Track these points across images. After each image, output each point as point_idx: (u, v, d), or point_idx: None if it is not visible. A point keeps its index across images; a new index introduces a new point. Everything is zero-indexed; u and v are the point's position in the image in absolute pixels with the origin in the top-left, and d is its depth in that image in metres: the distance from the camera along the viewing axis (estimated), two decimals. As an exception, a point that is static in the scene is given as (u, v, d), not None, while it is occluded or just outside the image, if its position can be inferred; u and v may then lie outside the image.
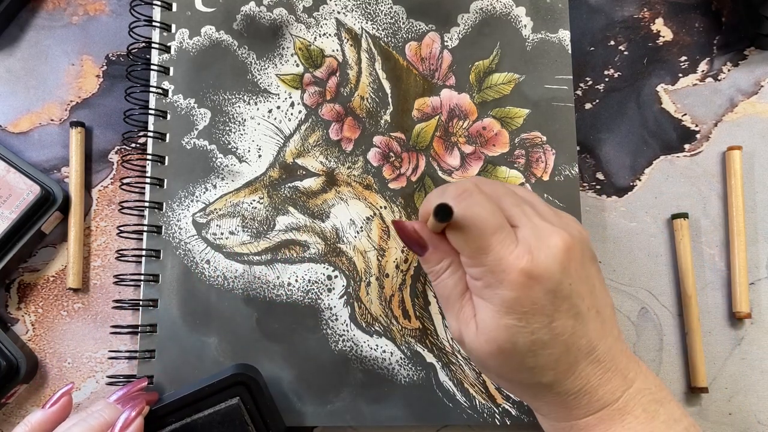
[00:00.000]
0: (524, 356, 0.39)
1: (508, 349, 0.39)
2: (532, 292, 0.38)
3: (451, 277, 0.42)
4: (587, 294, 0.40)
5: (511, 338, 0.39)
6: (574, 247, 0.39)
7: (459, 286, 0.42)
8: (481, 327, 0.40)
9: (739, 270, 0.56)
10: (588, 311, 0.40)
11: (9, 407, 0.56)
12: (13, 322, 0.57)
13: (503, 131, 0.56)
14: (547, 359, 0.39)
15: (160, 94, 0.56)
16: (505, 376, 0.42)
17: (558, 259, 0.38)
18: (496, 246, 0.38)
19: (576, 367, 0.39)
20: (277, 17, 0.57)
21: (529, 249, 0.38)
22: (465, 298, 0.42)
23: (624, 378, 0.40)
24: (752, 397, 0.56)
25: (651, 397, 0.41)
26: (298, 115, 0.56)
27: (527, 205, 0.42)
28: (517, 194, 0.43)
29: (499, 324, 0.39)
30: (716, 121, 0.59)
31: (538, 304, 0.38)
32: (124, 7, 0.60)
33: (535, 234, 0.39)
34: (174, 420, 0.50)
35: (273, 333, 0.54)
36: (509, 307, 0.38)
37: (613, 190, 0.58)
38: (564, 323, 0.39)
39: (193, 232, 0.55)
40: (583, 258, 0.40)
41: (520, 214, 0.41)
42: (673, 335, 0.57)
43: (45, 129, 0.59)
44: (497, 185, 0.43)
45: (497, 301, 0.38)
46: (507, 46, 0.57)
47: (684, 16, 0.60)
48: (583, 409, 0.40)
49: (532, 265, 0.38)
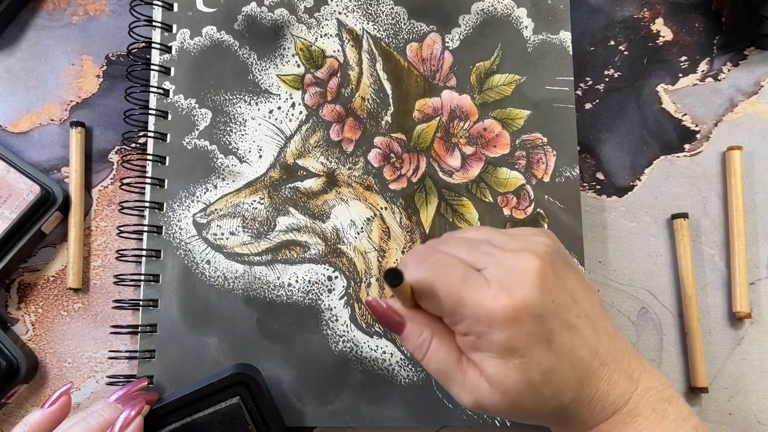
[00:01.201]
0: (540, 389, 0.38)
1: (524, 389, 0.38)
2: (523, 325, 0.37)
3: (440, 348, 0.41)
4: (571, 303, 0.39)
5: (524, 377, 0.38)
6: (544, 263, 0.38)
7: (452, 355, 0.40)
8: (492, 381, 0.38)
9: (739, 270, 0.56)
10: (578, 319, 0.39)
11: (9, 407, 0.56)
12: (13, 322, 0.57)
13: (504, 132, 0.56)
14: (559, 382, 0.38)
15: (161, 94, 0.56)
16: (530, 414, 0.40)
17: (533, 283, 0.38)
18: (469, 294, 0.38)
19: (585, 378, 0.39)
20: (279, 18, 0.57)
21: (502, 285, 0.37)
22: (462, 364, 0.40)
23: (630, 378, 0.40)
24: (752, 397, 0.56)
25: (659, 395, 0.40)
26: (298, 115, 0.56)
27: (483, 245, 0.41)
28: (470, 239, 0.42)
29: (507, 368, 0.38)
30: (716, 121, 0.59)
31: (532, 333, 0.37)
32: (124, 7, 0.60)
33: (503, 268, 0.38)
34: (174, 419, 0.50)
35: (273, 333, 0.54)
36: (509, 347, 0.37)
37: (613, 190, 0.58)
38: (561, 341, 0.38)
39: (194, 232, 0.55)
40: (555, 270, 0.39)
41: (481, 255, 0.40)
42: (673, 335, 0.57)
43: (45, 129, 0.58)
44: (449, 238, 0.43)
45: (495, 347, 0.38)
46: (508, 48, 0.57)
47: (684, 16, 0.60)
48: (597, 417, 0.40)
49: (511, 300, 0.37)
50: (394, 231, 0.55)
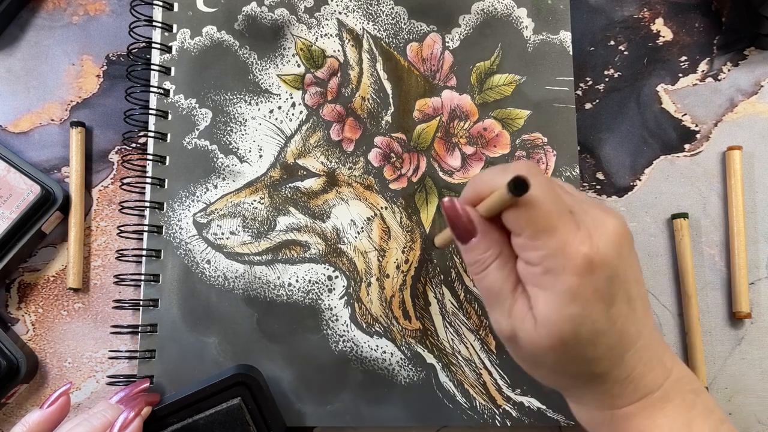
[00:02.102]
0: (585, 347, 0.38)
1: (570, 340, 0.37)
2: (595, 277, 0.37)
3: (501, 270, 0.40)
4: (634, 281, 0.39)
5: (575, 328, 0.37)
6: (625, 231, 0.39)
7: (510, 280, 0.40)
8: (541, 319, 0.38)
9: (739, 270, 0.56)
10: (636, 298, 0.39)
11: (9, 407, 0.56)
12: (13, 322, 0.57)
13: (504, 132, 0.56)
14: (603, 348, 0.38)
15: (162, 94, 0.56)
16: (561, 369, 0.40)
17: (616, 244, 0.37)
18: (561, 228, 0.37)
19: (625, 354, 0.39)
20: (279, 17, 0.57)
21: (590, 234, 0.37)
22: (517, 291, 0.40)
23: (664, 366, 0.40)
24: (752, 397, 0.56)
25: (688, 386, 0.40)
26: (299, 115, 0.56)
27: (580, 195, 0.41)
28: (565, 185, 0.42)
29: (563, 314, 0.37)
30: (716, 121, 0.59)
31: (599, 290, 0.37)
32: (124, 7, 0.60)
33: (591, 219, 0.38)
34: (175, 420, 0.50)
35: (273, 333, 0.54)
36: (574, 294, 0.37)
37: (613, 190, 0.58)
38: (619, 309, 0.38)
39: (194, 232, 0.55)
40: (630, 244, 0.39)
41: (577, 203, 0.39)
42: (673, 335, 0.57)
43: (45, 129, 0.58)
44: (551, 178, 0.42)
45: (560, 289, 0.37)
46: (508, 48, 0.57)
47: (684, 16, 0.60)
48: (627, 398, 0.40)
49: (593, 250, 0.36)
50: (394, 231, 0.55)
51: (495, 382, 0.54)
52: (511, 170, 0.38)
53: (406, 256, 0.55)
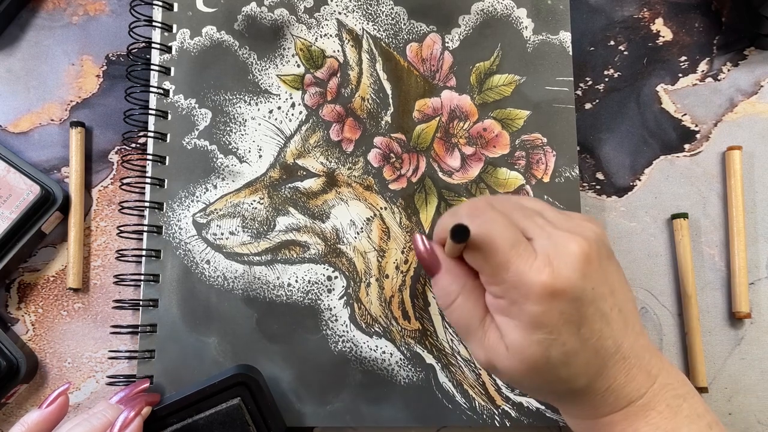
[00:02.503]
0: (558, 368, 0.39)
1: (542, 364, 0.38)
2: (559, 303, 0.37)
3: (466, 303, 0.41)
4: (608, 294, 0.39)
5: (544, 353, 0.38)
6: (591, 250, 0.39)
7: (477, 311, 0.41)
8: (512, 348, 0.39)
9: (739, 270, 0.56)
10: (611, 311, 0.39)
11: (9, 407, 0.56)
12: (13, 322, 0.57)
13: (504, 133, 0.56)
14: (578, 366, 0.39)
15: (161, 94, 0.56)
16: (539, 389, 0.41)
17: (577, 267, 0.38)
18: (515, 260, 0.38)
19: (603, 368, 0.39)
20: (278, 18, 0.57)
21: (548, 260, 0.38)
22: (486, 322, 0.41)
23: (648, 374, 0.40)
24: (752, 397, 0.56)
25: (674, 392, 0.40)
26: (298, 115, 0.56)
27: (538, 216, 0.41)
28: (525, 206, 0.42)
29: (530, 340, 0.38)
30: (716, 121, 0.59)
31: (565, 314, 0.37)
32: (124, 7, 0.60)
33: (551, 243, 0.38)
34: (175, 420, 0.50)
35: (273, 333, 0.54)
36: (538, 321, 0.37)
37: (613, 190, 0.58)
38: (591, 328, 0.38)
39: (194, 232, 0.55)
40: (600, 259, 0.39)
41: (533, 225, 0.40)
42: (673, 335, 0.57)
43: (45, 129, 0.58)
44: (506, 200, 0.43)
45: (525, 318, 0.38)
46: (508, 48, 0.57)
47: (684, 16, 0.60)
48: (609, 406, 0.40)
49: (553, 277, 0.37)
50: (393, 231, 0.55)
51: (494, 383, 0.54)
52: (459, 213, 0.41)
53: (405, 257, 0.55)
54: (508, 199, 0.44)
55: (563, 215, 0.42)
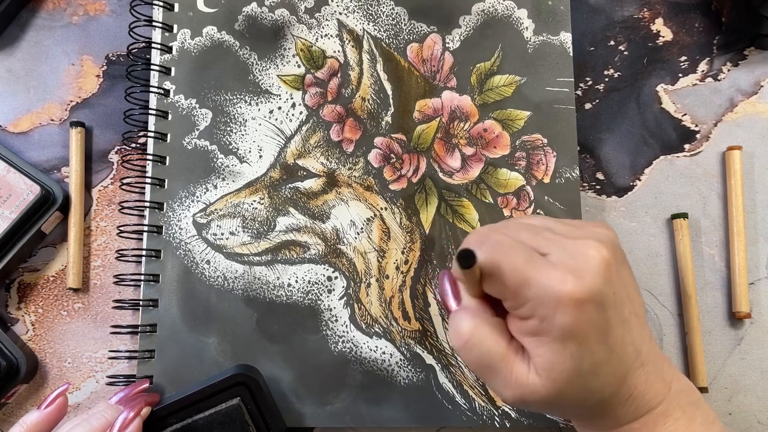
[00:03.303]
0: (588, 380, 0.38)
1: (573, 378, 0.37)
2: (587, 311, 0.36)
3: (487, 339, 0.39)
4: (627, 299, 0.39)
5: (576, 366, 0.37)
6: (609, 253, 0.38)
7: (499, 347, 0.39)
8: (544, 369, 0.38)
9: (739, 270, 0.56)
10: (630, 316, 0.39)
11: (9, 407, 0.56)
12: (13, 322, 0.57)
13: (504, 133, 0.56)
14: (606, 376, 0.38)
15: (162, 94, 0.56)
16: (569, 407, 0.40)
17: (599, 271, 0.37)
18: (534, 275, 0.37)
19: (627, 376, 0.39)
20: (279, 18, 0.57)
21: (569, 269, 0.37)
22: (509, 355, 0.39)
23: (663, 380, 0.40)
24: (752, 397, 0.56)
25: (687, 399, 0.40)
26: (299, 115, 0.56)
27: (546, 231, 0.40)
28: (532, 225, 0.41)
29: (564, 355, 0.37)
30: (716, 121, 0.59)
31: (593, 322, 0.37)
32: (124, 7, 0.60)
33: (568, 253, 0.38)
34: (175, 420, 0.50)
35: (273, 334, 0.54)
36: (570, 333, 0.36)
37: (613, 190, 0.58)
38: (615, 334, 0.38)
39: (194, 232, 0.55)
40: (617, 262, 0.39)
41: (544, 241, 0.39)
42: (673, 335, 0.57)
43: (45, 129, 0.58)
44: (509, 224, 0.42)
45: (557, 332, 0.37)
46: (508, 48, 0.57)
47: (684, 16, 0.60)
48: (630, 415, 0.40)
49: (578, 286, 0.36)
50: (394, 231, 0.55)
51: (495, 383, 0.54)
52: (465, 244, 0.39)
53: (405, 257, 0.55)
54: (514, 220, 0.43)
55: (572, 226, 0.41)
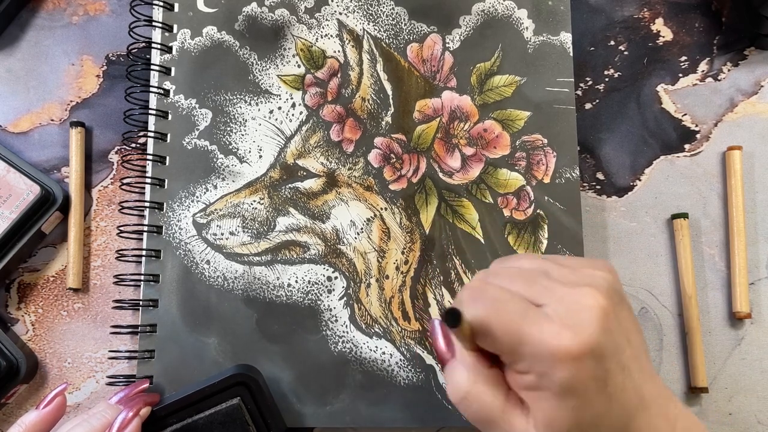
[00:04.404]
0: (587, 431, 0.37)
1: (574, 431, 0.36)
2: (585, 365, 0.35)
3: (486, 393, 0.39)
4: (626, 344, 0.38)
5: (576, 419, 0.36)
6: (606, 301, 0.37)
7: (497, 401, 0.38)
8: (543, 424, 0.37)
9: (739, 270, 0.56)
10: (630, 362, 0.38)
11: (9, 407, 0.56)
12: (13, 322, 0.57)
13: (504, 133, 0.56)
14: (607, 426, 0.37)
15: (162, 94, 0.56)
16: None
17: (596, 322, 0.36)
18: (529, 331, 0.36)
19: (630, 422, 0.38)
20: (279, 18, 0.57)
21: (565, 324, 0.36)
22: (508, 408, 0.38)
23: (667, 420, 0.39)
24: (752, 397, 0.56)
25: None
26: (299, 116, 0.56)
27: (542, 277, 0.39)
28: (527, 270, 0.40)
29: (563, 411, 0.36)
30: (716, 121, 0.59)
31: (592, 375, 0.36)
32: (124, 7, 0.60)
33: (565, 305, 0.37)
34: (175, 420, 0.50)
35: (273, 334, 0.54)
36: (569, 388, 0.35)
37: (613, 190, 0.58)
38: (615, 383, 0.37)
39: (194, 232, 0.55)
40: (615, 307, 0.38)
41: (540, 290, 0.38)
42: (673, 335, 0.57)
43: (45, 129, 0.58)
44: (503, 272, 0.41)
45: (556, 388, 0.36)
46: (508, 49, 0.57)
47: (684, 16, 0.60)
48: None
49: (574, 341, 0.35)
50: (394, 232, 0.55)
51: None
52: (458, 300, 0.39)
53: (405, 257, 0.55)
54: (505, 267, 0.42)
55: (569, 268, 0.40)
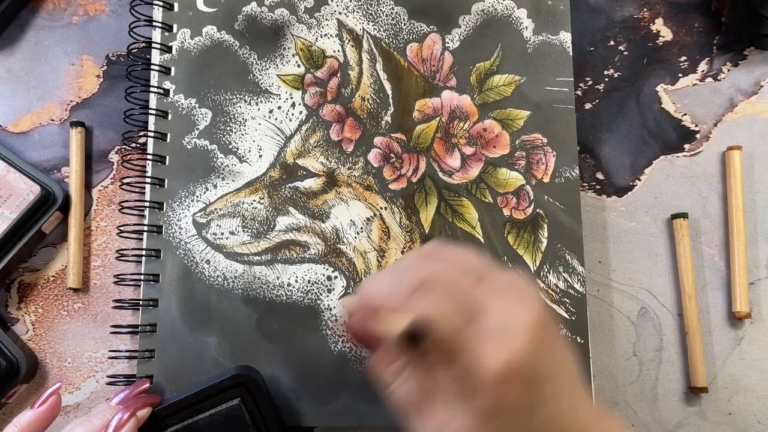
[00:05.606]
0: None
1: None
2: (515, 386, 0.34)
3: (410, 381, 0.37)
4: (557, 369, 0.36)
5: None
6: (541, 318, 0.35)
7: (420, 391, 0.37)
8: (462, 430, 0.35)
9: (738, 270, 0.56)
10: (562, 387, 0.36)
11: (9, 407, 0.56)
12: (13, 322, 0.57)
13: (504, 133, 0.56)
14: None
15: (162, 93, 0.56)
16: None
17: (531, 340, 0.34)
18: (464, 346, 0.34)
19: None
20: (279, 18, 0.57)
21: (499, 339, 0.34)
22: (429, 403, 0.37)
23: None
24: (752, 397, 0.56)
25: None
26: (298, 115, 0.56)
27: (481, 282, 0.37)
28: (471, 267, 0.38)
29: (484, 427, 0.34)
30: (716, 121, 0.59)
31: (519, 399, 0.34)
32: (124, 7, 0.60)
33: (501, 317, 0.35)
34: (175, 421, 0.50)
35: (273, 333, 0.54)
36: (494, 410, 0.34)
37: (613, 190, 0.58)
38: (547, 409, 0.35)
39: (194, 231, 0.55)
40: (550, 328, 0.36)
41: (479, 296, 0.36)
42: (673, 335, 0.57)
43: (45, 129, 0.58)
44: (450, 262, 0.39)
45: (479, 406, 0.34)
46: (508, 48, 0.57)
47: (684, 16, 0.60)
48: None
49: (507, 358, 0.33)
50: (393, 231, 0.55)
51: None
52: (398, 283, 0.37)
53: (405, 257, 0.55)
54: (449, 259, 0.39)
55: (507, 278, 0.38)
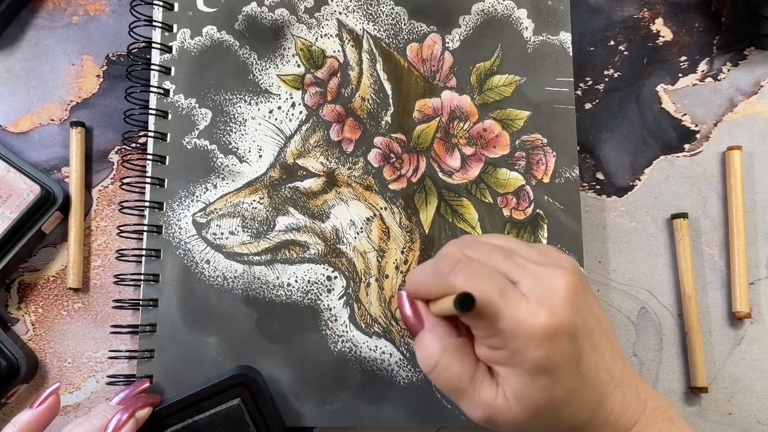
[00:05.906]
0: (561, 408, 0.38)
1: (545, 407, 0.38)
2: (559, 344, 0.37)
3: (455, 362, 0.40)
4: (596, 324, 0.39)
5: (548, 396, 0.37)
6: (576, 281, 0.38)
7: (466, 370, 0.40)
8: (514, 397, 0.38)
9: (738, 270, 0.56)
10: (600, 341, 0.39)
11: (9, 407, 0.56)
12: (13, 322, 0.57)
13: (504, 133, 0.56)
14: (580, 403, 0.38)
15: (162, 93, 0.56)
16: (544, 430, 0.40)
17: (569, 301, 0.37)
18: (507, 309, 0.37)
19: (602, 401, 0.39)
20: (279, 18, 0.57)
21: (541, 301, 0.37)
22: (477, 377, 0.40)
23: (639, 399, 0.40)
24: (752, 397, 0.56)
25: (663, 415, 0.41)
26: (298, 115, 0.56)
27: (516, 255, 0.40)
28: (502, 247, 0.41)
29: (535, 388, 0.37)
30: (716, 121, 0.59)
31: (565, 353, 0.37)
32: (124, 7, 0.60)
33: (539, 283, 0.38)
34: (176, 421, 0.50)
35: (272, 333, 0.54)
36: (542, 366, 0.37)
37: (613, 190, 0.58)
38: (588, 362, 0.38)
39: (194, 231, 0.55)
40: (584, 288, 0.39)
41: (515, 267, 0.39)
42: (673, 335, 0.57)
43: (45, 129, 0.58)
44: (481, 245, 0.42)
45: (528, 366, 0.37)
46: (508, 48, 0.57)
47: (684, 16, 0.60)
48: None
49: (550, 318, 0.36)
50: (393, 231, 0.55)
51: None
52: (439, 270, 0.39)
53: (405, 257, 0.55)
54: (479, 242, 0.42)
55: (536, 249, 0.41)
